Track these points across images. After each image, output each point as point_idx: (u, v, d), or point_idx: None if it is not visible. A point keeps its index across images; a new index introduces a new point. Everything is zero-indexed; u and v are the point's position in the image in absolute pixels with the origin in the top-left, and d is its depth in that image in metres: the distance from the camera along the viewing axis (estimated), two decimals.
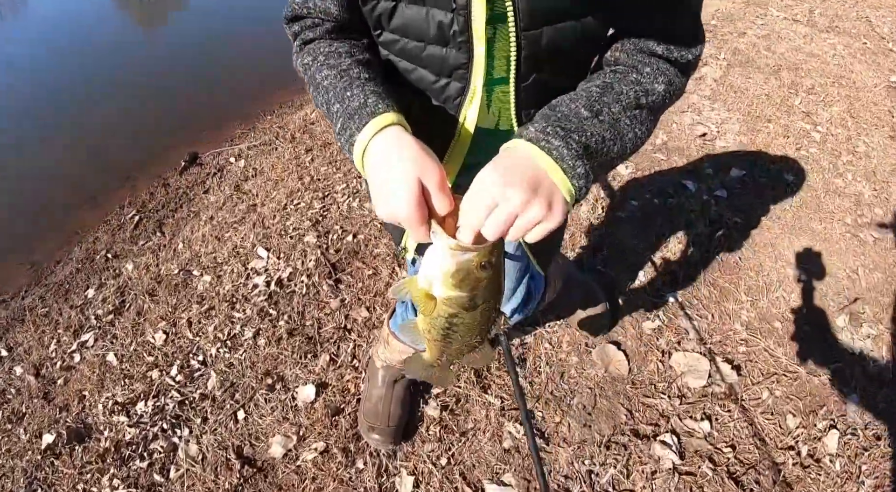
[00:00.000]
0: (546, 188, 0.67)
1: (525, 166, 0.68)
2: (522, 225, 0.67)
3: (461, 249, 0.68)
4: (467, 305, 0.73)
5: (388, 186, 0.70)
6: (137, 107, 3.73)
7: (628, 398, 1.78)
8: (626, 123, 0.77)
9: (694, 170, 2.49)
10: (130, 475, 1.83)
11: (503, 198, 0.65)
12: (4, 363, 2.32)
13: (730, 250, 2.18)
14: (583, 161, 0.70)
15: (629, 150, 0.79)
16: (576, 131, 0.72)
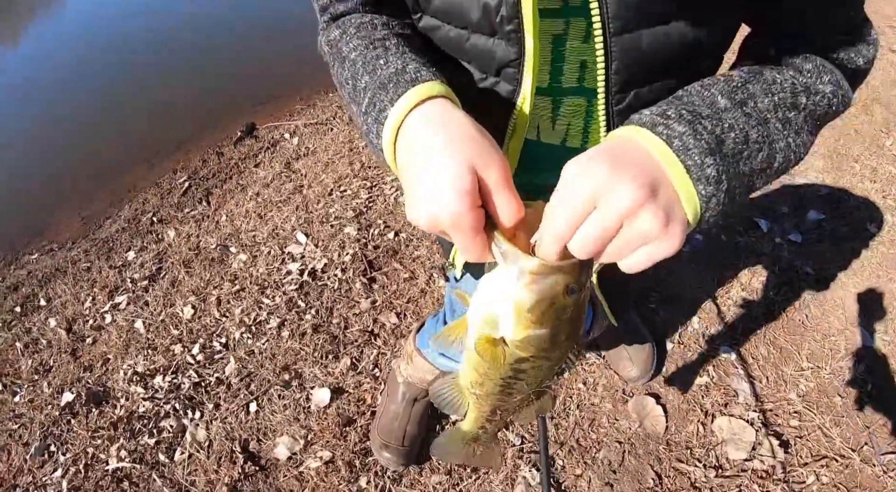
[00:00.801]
0: (667, 195, 0.47)
1: (641, 158, 0.48)
2: (625, 241, 0.46)
3: (544, 272, 0.48)
4: (547, 345, 0.53)
5: (429, 177, 0.50)
6: (201, 74, 3.75)
7: (659, 460, 1.63)
8: (777, 125, 0.56)
9: (769, 207, 2.27)
10: (137, 449, 1.82)
11: (608, 194, 0.45)
12: (41, 313, 2.36)
13: (796, 306, 1.97)
14: (714, 160, 0.49)
15: (778, 164, 0.56)
16: (709, 118, 0.52)
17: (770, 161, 0.55)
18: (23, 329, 2.32)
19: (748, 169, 0.53)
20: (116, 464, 1.80)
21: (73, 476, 1.82)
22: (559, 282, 0.49)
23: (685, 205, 0.48)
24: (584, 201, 0.45)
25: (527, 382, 0.58)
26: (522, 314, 0.50)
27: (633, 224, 0.45)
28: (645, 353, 1.77)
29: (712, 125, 0.51)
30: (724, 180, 0.50)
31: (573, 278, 0.49)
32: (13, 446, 1.94)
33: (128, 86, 3.69)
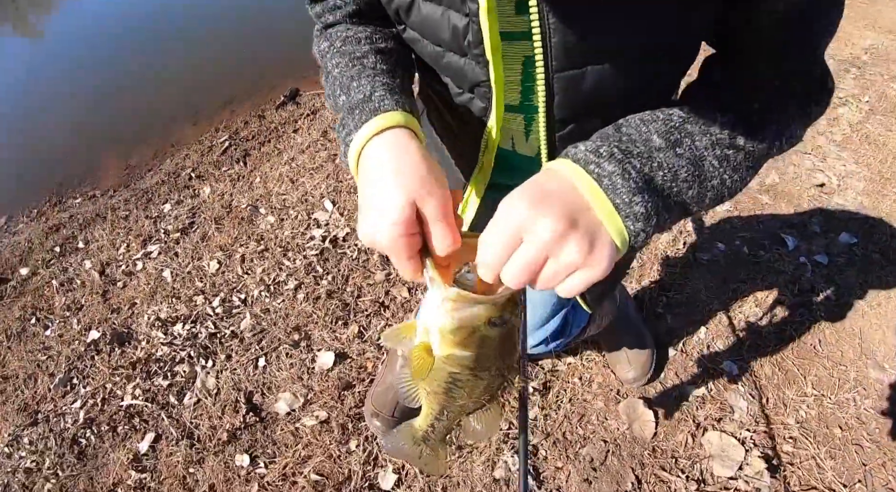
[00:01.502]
0: (587, 224, 0.51)
1: (564, 192, 0.52)
2: (553, 271, 0.51)
3: (464, 301, 0.54)
4: (473, 365, 0.59)
5: (374, 202, 0.56)
6: (252, 36, 3.84)
7: (642, 465, 1.62)
8: (713, 163, 0.59)
9: (799, 224, 2.18)
10: (151, 389, 1.92)
11: (531, 231, 0.49)
12: (79, 255, 2.49)
13: (811, 329, 1.89)
14: (643, 197, 0.53)
15: (710, 198, 0.61)
16: (639, 157, 0.55)
17: (701, 197, 0.59)
18: (60, 268, 2.45)
19: (678, 203, 0.58)
20: (130, 401, 1.91)
21: (91, 408, 1.93)
22: (481, 313, 0.54)
23: (614, 236, 0.52)
24: (510, 235, 0.50)
25: (465, 390, 0.63)
26: (445, 335, 0.56)
27: (558, 255, 0.50)
28: (644, 356, 1.74)
29: (641, 164, 0.55)
30: (652, 215, 0.54)
31: (495, 312, 0.54)
32: (40, 376, 2.07)
33: (180, 45, 3.81)
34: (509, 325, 0.56)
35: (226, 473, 1.69)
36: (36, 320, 2.27)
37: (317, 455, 1.67)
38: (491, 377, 0.62)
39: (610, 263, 0.51)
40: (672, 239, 2.15)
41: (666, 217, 0.56)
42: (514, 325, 0.58)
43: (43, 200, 2.84)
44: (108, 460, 1.80)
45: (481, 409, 0.68)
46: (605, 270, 0.51)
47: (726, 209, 2.25)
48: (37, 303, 2.34)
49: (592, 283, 0.51)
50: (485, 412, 0.68)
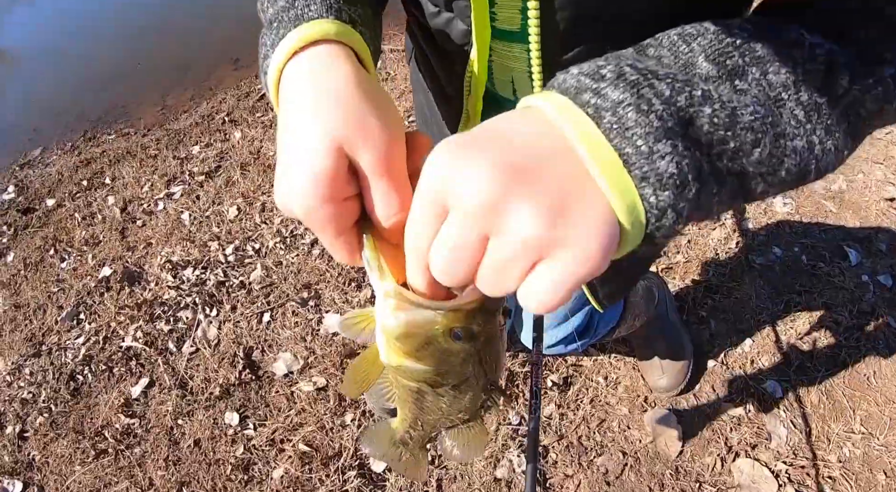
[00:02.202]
0: (555, 177, 0.30)
1: (527, 135, 0.31)
2: (496, 261, 0.30)
3: (414, 305, 0.37)
4: (433, 381, 0.43)
5: (286, 155, 0.38)
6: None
7: (662, 486, 1.42)
8: (795, 114, 0.34)
9: (864, 238, 1.87)
10: (151, 333, 1.83)
11: (452, 195, 0.30)
12: (104, 190, 2.43)
13: (866, 358, 1.63)
14: (674, 146, 0.30)
15: (786, 171, 0.34)
16: (669, 82, 0.32)
17: (772, 166, 0.33)
18: (84, 202, 2.40)
19: (734, 168, 0.33)
20: (130, 342, 1.83)
21: (92, 345, 1.86)
22: (437, 321, 0.37)
23: (619, 211, 0.30)
24: (431, 206, 0.31)
25: (434, 405, 0.47)
26: (391, 340, 0.39)
27: (499, 233, 0.29)
28: (680, 365, 1.53)
29: (672, 91, 0.31)
30: (690, 181, 0.30)
31: (457, 321, 0.37)
32: (49, 308, 2.02)
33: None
34: (482, 338, 0.39)
35: (213, 429, 1.59)
36: (54, 252, 2.23)
37: (309, 424, 1.54)
38: (466, 395, 0.45)
39: (602, 249, 0.29)
40: (726, 235, 1.90)
41: (714, 191, 0.32)
42: (491, 336, 0.40)
43: (78, 135, 2.80)
44: (100, 400, 1.72)
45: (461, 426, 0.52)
46: (593, 258, 0.29)
47: (787, 210, 1.97)
48: (58, 235, 2.29)
49: (575, 283, 0.30)
50: (467, 431, 0.52)
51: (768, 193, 0.36)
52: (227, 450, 1.54)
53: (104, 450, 1.63)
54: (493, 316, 0.39)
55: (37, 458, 1.67)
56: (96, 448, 1.63)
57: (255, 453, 1.52)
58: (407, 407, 0.50)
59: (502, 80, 0.63)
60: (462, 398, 0.46)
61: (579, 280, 0.30)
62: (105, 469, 1.59)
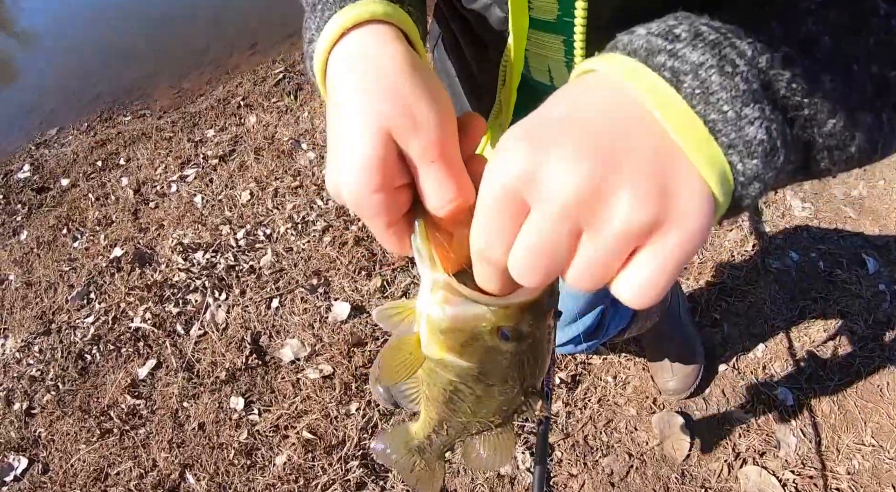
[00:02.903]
0: (649, 158, 0.27)
1: (601, 110, 0.28)
2: (593, 256, 0.28)
3: (459, 295, 0.35)
4: (473, 381, 0.41)
5: (333, 141, 0.37)
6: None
7: (667, 489, 1.39)
8: (867, 87, 0.32)
9: (883, 246, 1.83)
10: (160, 315, 1.83)
11: (535, 189, 0.27)
12: (118, 171, 2.43)
13: (880, 369, 1.58)
14: (760, 111, 0.28)
15: (856, 147, 0.33)
16: (752, 43, 0.29)
17: (843, 139, 0.32)
18: (99, 183, 2.40)
19: (805, 137, 0.31)
20: (139, 324, 1.83)
21: (101, 325, 1.87)
22: (485, 318, 0.35)
23: (715, 188, 0.27)
24: (507, 203, 0.28)
25: (469, 405, 0.44)
26: (435, 333, 0.38)
27: (597, 226, 0.27)
28: (690, 368, 1.49)
29: (755, 52, 0.29)
30: (779, 150, 0.28)
31: (506, 320, 0.35)
32: (60, 286, 2.03)
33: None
34: (530, 339, 0.37)
35: (218, 413, 1.58)
36: (67, 231, 2.23)
37: (313, 412, 1.53)
38: (504, 396, 0.43)
39: (704, 226, 0.27)
40: (741, 238, 1.85)
41: (788, 156, 0.30)
42: (538, 338, 0.38)
43: (95, 116, 2.81)
44: (107, 380, 1.73)
45: (490, 431, 0.50)
46: (697, 237, 0.27)
47: (806, 215, 1.92)
48: (71, 214, 2.30)
49: (680, 267, 0.28)
50: (495, 437, 0.50)
51: (830, 172, 0.34)
52: (231, 434, 1.54)
53: (109, 430, 1.63)
54: (545, 317, 0.37)
55: (43, 435, 1.68)
56: (101, 428, 1.63)
57: (259, 438, 1.52)
58: (435, 408, 0.47)
59: (538, 68, 0.61)
60: (498, 400, 0.44)
61: (684, 263, 0.28)
62: (109, 449, 1.59)
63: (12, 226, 2.34)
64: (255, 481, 1.45)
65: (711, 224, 0.28)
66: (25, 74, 3.38)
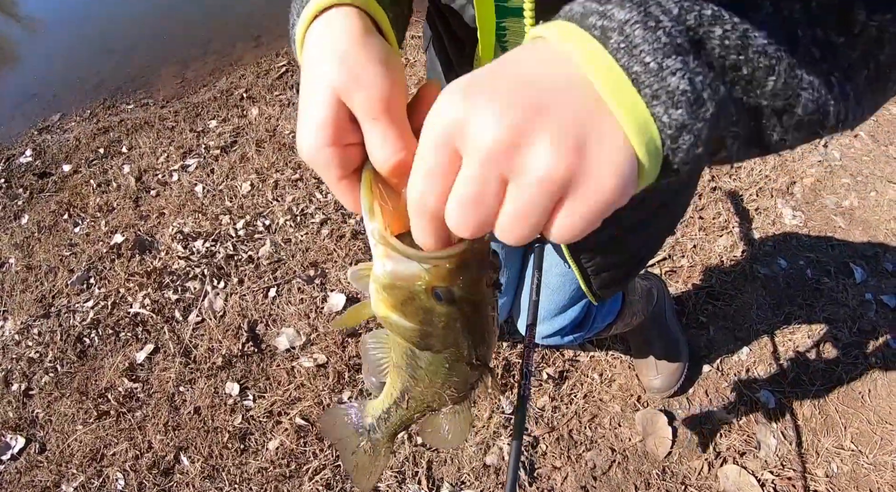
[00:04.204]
0: (570, 110, 0.29)
1: (535, 67, 0.31)
2: (517, 205, 0.30)
3: (399, 252, 0.37)
4: (416, 340, 0.43)
5: (300, 106, 0.40)
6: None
7: (647, 485, 1.43)
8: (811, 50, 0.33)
9: (872, 256, 1.88)
10: (159, 301, 1.87)
11: (465, 138, 0.30)
12: (120, 159, 2.46)
13: (862, 376, 1.62)
14: (683, 63, 0.29)
15: (804, 106, 0.33)
16: (679, 1, 0.31)
17: (790, 100, 0.32)
18: (100, 169, 2.43)
19: (746, 96, 0.31)
20: (138, 309, 1.86)
21: (101, 310, 1.90)
22: (420, 277, 0.37)
23: (630, 133, 0.29)
24: (441, 151, 0.31)
25: (425, 372, 0.47)
26: (379, 290, 0.40)
27: (517, 173, 0.29)
28: (675, 366, 1.54)
29: (682, 10, 0.30)
30: (706, 102, 0.29)
31: (439, 279, 0.37)
32: (60, 270, 2.06)
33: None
34: (464, 304, 0.39)
35: (213, 398, 1.62)
36: (68, 216, 2.26)
37: (307, 399, 1.57)
38: (450, 366, 0.46)
39: (621, 180, 0.29)
40: (731, 244, 1.90)
41: (734, 119, 0.31)
42: (476, 303, 0.40)
43: (98, 103, 2.83)
44: (105, 364, 1.76)
45: (448, 408, 0.52)
46: (613, 191, 0.29)
47: (796, 222, 1.96)
48: (72, 200, 2.33)
49: (596, 216, 0.30)
50: (452, 414, 0.53)
51: (785, 142, 0.35)
52: (226, 419, 1.57)
53: (106, 412, 1.66)
54: (478, 282, 0.39)
55: (40, 416, 1.71)
56: (99, 410, 1.67)
57: (253, 423, 1.56)
58: (399, 376, 0.50)
59: None
60: (451, 372, 0.46)
61: (603, 213, 0.30)
62: (106, 430, 1.63)
63: (13, 210, 2.36)
64: (248, 464, 1.49)
65: (628, 176, 0.29)
66: (28, 60, 3.40)
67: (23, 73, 3.28)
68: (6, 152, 2.65)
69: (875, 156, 2.18)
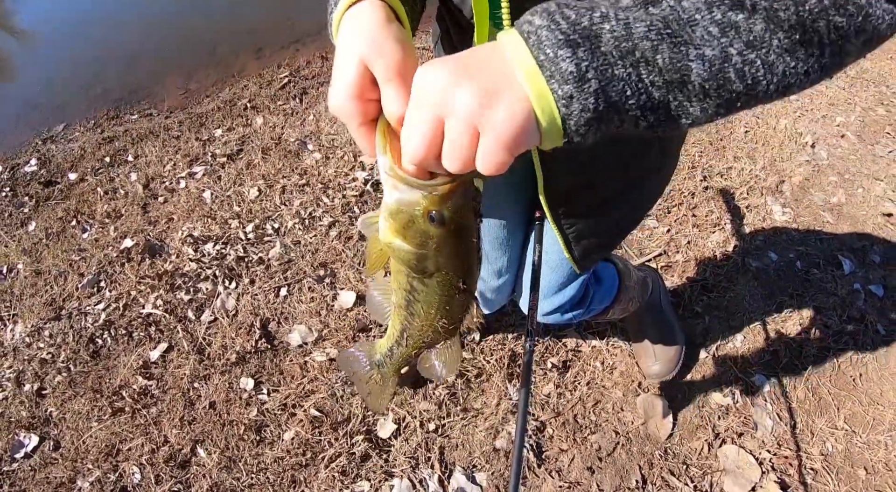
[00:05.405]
0: (502, 86, 0.43)
1: (488, 57, 0.45)
2: (451, 136, 0.44)
3: (403, 181, 0.48)
4: (414, 264, 0.54)
5: (333, 71, 0.53)
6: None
7: (650, 465, 1.50)
8: (709, 30, 0.42)
9: (859, 249, 1.99)
10: (171, 302, 1.91)
11: (449, 105, 0.43)
12: (126, 167, 2.51)
13: (853, 361, 1.71)
14: (573, 52, 0.41)
15: (706, 74, 0.43)
16: (577, 10, 0.43)
17: (681, 72, 0.42)
18: (107, 177, 2.48)
19: (638, 74, 0.42)
20: (151, 310, 1.90)
21: (112, 311, 1.93)
22: (418, 201, 0.49)
23: (535, 104, 0.43)
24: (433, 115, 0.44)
25: (421, 306, 0.58)
26: (387, 216, 0.52)
27: (449, 113, 0.44)
28: (672, 352, 1.62)
29: (577, 15, 0.43)
30: (590, 79, 0.42)
31: (433, 204, 0.48)
32: (70, 275, 2.09)
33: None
34: (451, 227, 0.51)
35: (228, 393, 1.66)
36: (76, 223, 2.30)
37: (320, 391, 1.62)
38: (441, 290, 0.57)
39: (516, 124, 0.43)
40: (724, 239, 1.99)
41: (620, 88, 0.42)
42: (462, 229, 0.52)
43: (101, 113, 2.88)
44: (119, 362, 1.79)
45: (440, 344, 0.64)
46: (508, 130, 0.42)
47: (786, 219, 2.07)
48: (80, 207, 2.37)
49: (500, 150, 0.43)
50: (444, 349, 0.65)
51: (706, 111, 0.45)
52: (241, 412, 1.61)
53: (121, 408, 1.70)
54: (465, 207, 0.51)
55: (54, 414, 1.74)
56: (113, 407, 1.70)
57: (268, 416, 1.60)
58: (399, 317, 0.61)
59: None
60: (443, 301, 0.57)
61: (504, 146, 0.43)
62: (122, 426, 1.66)
63: (20, 218, 2.39)
64: (265, 454, 1.53)
65: (523, 122, 0.43)
66: (28, 71, 3.44)
67: (25, 83, 3.32)
68: (10, 162, 2.69)
69: (861, 155, 2.29)
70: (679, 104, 0.45)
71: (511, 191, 1.06)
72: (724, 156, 2.30)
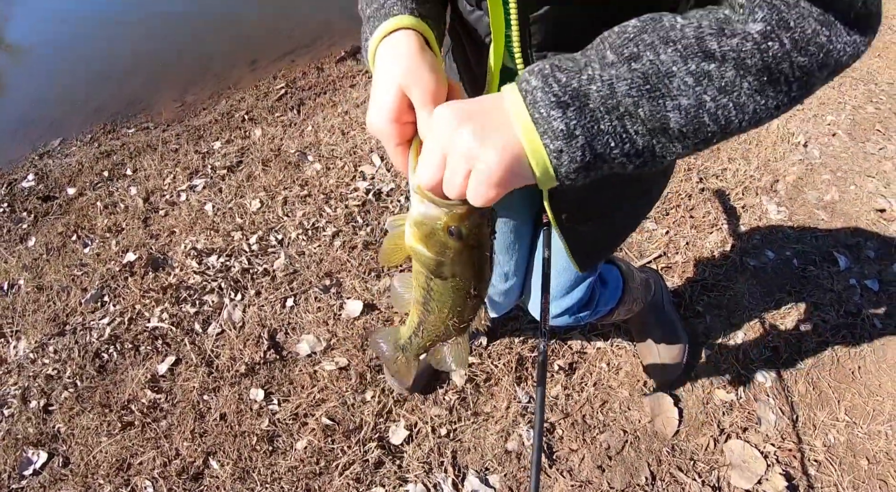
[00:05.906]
0: (496, 132, 0.49)
1: (492, 107, 0.51)
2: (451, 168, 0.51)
3: (428, 198, 0.55)
4: (432, 268, 0.60)
5: (372, 95, 0.59)
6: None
7: (659, 461, 1.53)
8: (685, 80, 0.46)
9: (854, 245, 2.03)
10: (178, 315, 1.92)
11: (451, 143, 0.50)
12: (125, 181, 2.52)
13: (851, 354, 1.75)
14: (563, 112, 0.47)
15: (686, 122, 0.48)
16: (567, 72, 0.49)
17: (663, 119, 0.48)
18: (106, 192, 2.48)
19: (624, 125, 0.49)
20: (157, 323, 1.90)
21: (117, 326, 1.94)
22: (440, 217, 0.55)
23: (530, 155, 0.49)
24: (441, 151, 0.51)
25: (435, 303, 0.65)
26: (412, 225, 0.58)
27: (451, 149, 0.50)
28: (675, 351, 1.65)
29: (568, 77, 0.49)
30: (577, 134, 0.48)
31: (454, 221, 0.55)
32: (73, 290, 2.09)
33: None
34: (468, 243, 0.57)
35: (238, 404, 1.67)
36: (77, 238, 2.30)
37: (331, 400, 1.63)
38: (455, 292, 0.63)
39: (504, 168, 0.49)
40: (721, 239, 2.03)
41: (605, 141, 0.49)
42: (478, 243, 0.58)
43: (98, 127, 2.89)
44: (127, 376, 1.80)
45: (450, 339, 0.72)
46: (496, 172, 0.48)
47: (781, 217, 2.11)
48: (80, 222, 2.37)
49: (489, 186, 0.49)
50: (454, 344, 0.73)
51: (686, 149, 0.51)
52: (253, 423, 1.62)
53: (131, 422, 1.70)
54: (481, 226, 0.57)
55: (62, 430, 1.73)
56: (123, 421, 1.70)
57: (280, 426, 1.61)
58: (416, 311, 0.68)
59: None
60: (455, 302, 0.64)
61: (492, 184, 0.49)
62: (132, 440, 1.66)
63: (18, 233, 2.39)
64: (278, 464, 1.54)
65: (511, 167, 0.49)
66: (25, 86, 3.43)
67: (17, 99, 3.32)
68: (7, 177, 2.68)
69: (853, 152, 2.34)
70: (663, 146, 0.51)
71: (519, 197, 1.09)
72: (719, 157, 2.34)
